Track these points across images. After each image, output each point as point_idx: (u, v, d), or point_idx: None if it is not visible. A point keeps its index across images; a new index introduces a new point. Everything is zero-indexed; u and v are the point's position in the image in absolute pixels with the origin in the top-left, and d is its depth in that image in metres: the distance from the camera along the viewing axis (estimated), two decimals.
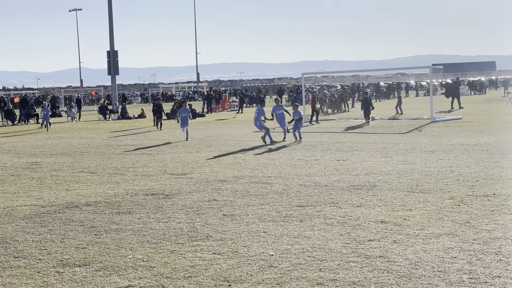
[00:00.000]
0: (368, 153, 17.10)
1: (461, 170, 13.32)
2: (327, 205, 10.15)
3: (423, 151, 17.18)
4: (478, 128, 23.90)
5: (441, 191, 11.07)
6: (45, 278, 6.79)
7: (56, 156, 19.49)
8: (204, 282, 6.43)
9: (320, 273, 6.58)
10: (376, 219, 9.03)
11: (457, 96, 39.72)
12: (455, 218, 8.93)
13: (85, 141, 25.22)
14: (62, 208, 10.76)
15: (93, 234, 8.77)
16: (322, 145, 19.57)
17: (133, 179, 13.83)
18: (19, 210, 10.74)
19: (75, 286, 6.49)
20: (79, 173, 15.31)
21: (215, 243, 8.00)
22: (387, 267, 6.68)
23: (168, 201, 11.01)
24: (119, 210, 10.37)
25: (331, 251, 7.40)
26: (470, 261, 6.81)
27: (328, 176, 13.26)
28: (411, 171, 13.45)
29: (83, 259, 7.46)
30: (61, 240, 8.47)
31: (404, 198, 10.50)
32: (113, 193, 12.08)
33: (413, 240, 7.78)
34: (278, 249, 7.57)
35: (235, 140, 22.88)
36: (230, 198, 11.07)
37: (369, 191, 11.32)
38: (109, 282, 6.56)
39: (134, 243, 8.13)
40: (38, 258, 7.61)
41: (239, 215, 9.67)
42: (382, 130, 25.48)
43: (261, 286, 6.23)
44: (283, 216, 9.48)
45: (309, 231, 8.44)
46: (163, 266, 7.03)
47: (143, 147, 21.07)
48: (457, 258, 6.92)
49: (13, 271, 7.12)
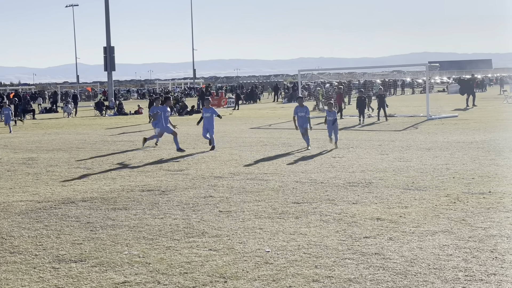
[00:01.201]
0: (364, 150, 17.12)
1: (457, 168, 13.35)
2: (323, 202, 10.16)
3: (419, 148, 17.21)
4: (474, 126, 23.96)
5: (437, 188, 11.09)
6: (41, 274, 6.79)
7: (52, 151, 19.46)
8: (200, 278, 6.43)
9: (316, 270, 6.59)
10: (372, 216, 9.05)
11: (472, 93, 39.28)
12: (450, 215, 8.95)
13: (81, 136, 25.18)
14: (58, 203, 10.75)
15: (89, 230, 8.77)
16: (318, 142, 19.58)
17: (129, 175, 13.81)
18: (15, 205, 10.73)
19: (71, 282, 6.49)
20: (75, 168, 15.29)
21: (211, 239, 8.00)
22: (383, 264, 6.70)
23: (164, 197, 11.00)
24: (115, 206, 10.37)
25: (327, 248, 7.41)
26: (465, 259, 6.83)
27: (324, 173, 13.28)
28: (407, 169, 13.47)
29: (79, 255, 7.45)
30: (57, 236, 8.46)
31: (400, 196, 10.52)
32: (109, 189, 12.07)
33: (409, 237, 7.79)
34: (274, 246, 7.58)
35: (231, 136, 22.88)
36: (226, 195, 11.07)
37: (365, 188, 11.34)
38: (105, 278, 6.56)
39: (130, 239, 8.13)
40: (34, 254, 7.60)
41: (235, 211, 9.67)
42: (378, 127, 25.51)
43: (257, 283, 6.24)
44: (279, 212, 9.49)
45: (305, 228, 8.45)
46: (159, 262, 7.04)
47: (139, 143, 21.06)
48: (452, 256, 6.95)
49: (8, 266, 7.12)
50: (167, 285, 6.28)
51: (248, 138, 22.07)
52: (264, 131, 25.04)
